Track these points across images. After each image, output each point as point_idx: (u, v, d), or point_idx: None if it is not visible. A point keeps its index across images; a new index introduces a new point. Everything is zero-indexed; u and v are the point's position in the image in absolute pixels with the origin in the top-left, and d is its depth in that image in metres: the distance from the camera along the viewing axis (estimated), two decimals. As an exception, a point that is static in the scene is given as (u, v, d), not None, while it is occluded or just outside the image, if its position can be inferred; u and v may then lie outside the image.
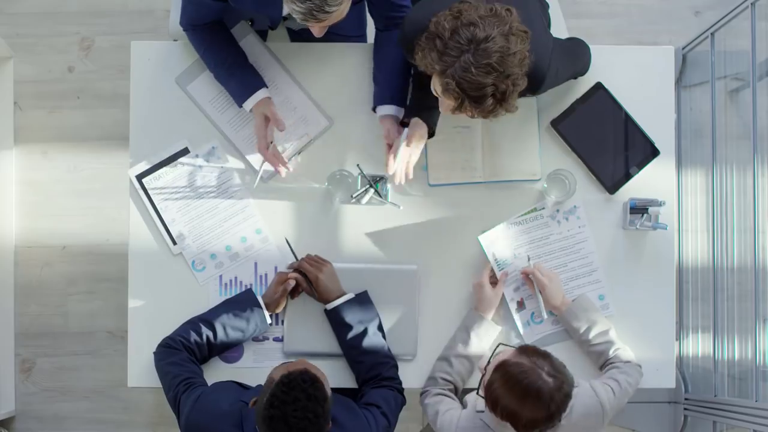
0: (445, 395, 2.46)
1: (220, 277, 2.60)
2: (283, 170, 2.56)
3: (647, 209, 2.58)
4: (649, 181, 2.64)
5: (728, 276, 3.12)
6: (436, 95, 2.23)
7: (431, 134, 2.49)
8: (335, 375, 2.54)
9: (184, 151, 2.61)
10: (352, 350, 2.50)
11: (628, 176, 2.64)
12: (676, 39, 3.43)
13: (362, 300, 2.53)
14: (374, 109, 2.57)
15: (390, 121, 2.54)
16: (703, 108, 3.34)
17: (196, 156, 2.61)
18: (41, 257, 3.43)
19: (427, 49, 2.15)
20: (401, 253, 2.62)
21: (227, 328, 2.48)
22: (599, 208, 2.64)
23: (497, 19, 2.11)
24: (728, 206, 3.09)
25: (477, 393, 2.25)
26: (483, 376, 2.24)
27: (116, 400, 3.40)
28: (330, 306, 2.50)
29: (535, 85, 2.33)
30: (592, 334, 2.51)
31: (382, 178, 2.60)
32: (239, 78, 2.53)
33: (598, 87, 2.62)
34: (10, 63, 3.45)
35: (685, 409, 3.28)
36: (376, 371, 2.47)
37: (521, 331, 2.60)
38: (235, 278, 2.60)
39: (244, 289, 2.59)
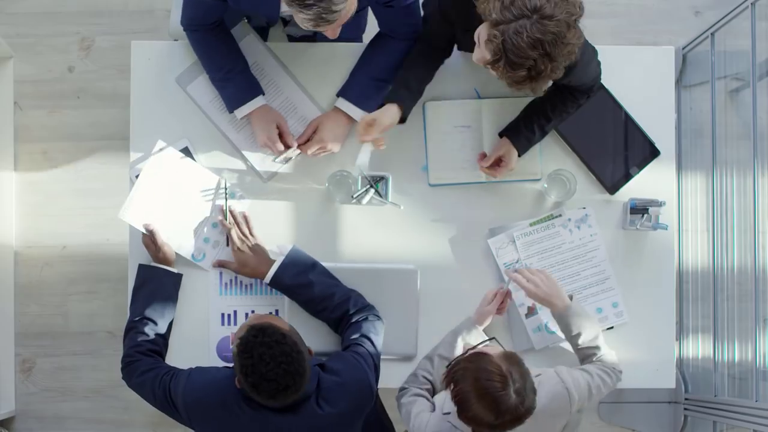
0: (421, 395, 2.43)
1: (221, 275, 2.60)
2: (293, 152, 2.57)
3: (647, 209, 2.58)
4: (650, 181, 2.64)
5: (728, 276, 3.12)
6: (476, 42, 2.20)
7: (402, 120, 2.49)
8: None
9: (185, 151, 2.61)
10: (311, 304, 2.50)
11: (628, 176, 2.64)
12: (676, 39, 3.43)
13: (293, 256, 2.52)
14: (337, 95, 2.59)
15: (334, 115, 2.55)
16: (703, 108, 3.34)
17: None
18: (41, 257, 3.43)
19: None
20: (401, 253, 2.62)
21: (158, 308, 2.49)
22: (599, 208, 2.64)
23: (570, 6, 2.11)
24: (728, 206, 3.09)
25: (447, 366, 2.22)
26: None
27: (116, 400, 3.40)
28: (268, 278, 2.50)
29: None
30: (581, 339, 2.46)
31: (382, 178, 2.60)
32: (236, 84, 2.53)
33: (599, 87, 2.62)
34: (10, 63, 3.45)
35: (685, 409, 3.28)
36: (342, 310, 2.48)
37: (531, 335, 2.60)
38: (235, 278, 2.60)
39: (243, 287, 2.60)
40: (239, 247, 2.53)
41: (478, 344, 2.25)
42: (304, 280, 2.49)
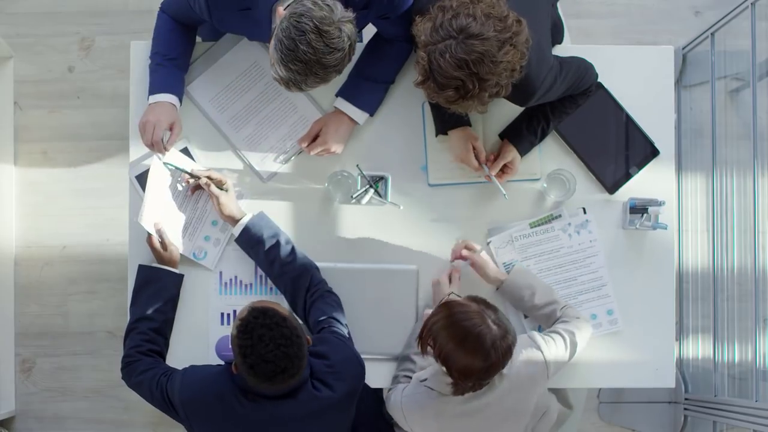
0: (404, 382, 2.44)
1: (220, 275, 2.60)
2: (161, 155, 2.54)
3: (647, 209, 2.58)
4: (649, 181, 2.64)
5: (728, 276, 3.12)
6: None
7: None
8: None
9: (184, 151, 2.61)
10: (275, 265, 2.50)
11: (628, 176, 2.64)
12: (676, 39, 3.43)
13: (263, 217, 2.54)
14: (336, 95, 2.59)
15: (337, 116, 2.55)
16: (703, 108, 3.34)
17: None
18: (41, 257, 3.43)
19: (428, 17, 2.14)
20: (401, 253, 2.62)
21: (160, 308, 2.49)
22: (599, 208, 2.64)
23: (502, 25, 2.09)
24: (728, 206, 3.10)
25: (418, 336, 2.20)
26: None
27: (116, 400, 3.40)
28: (242, 225, 2.50)
29: (523, 99, 2.35)
30: (537, 299, 2.48)
31: (381, 178, 2.60)
32: (170, 72, 2.51)
33: (598, 87, 2.62)
34: (10, 63, 3.45)
35: (685, 409, 3.28)
36: (301, 282, 2.48)
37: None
38: (235, 277, 2.60)
39: (243, 287, 2.60)
40: (219, 194, 2.50)
41: (440, 301, 2.23)
42: (275, 239, 2.50)
